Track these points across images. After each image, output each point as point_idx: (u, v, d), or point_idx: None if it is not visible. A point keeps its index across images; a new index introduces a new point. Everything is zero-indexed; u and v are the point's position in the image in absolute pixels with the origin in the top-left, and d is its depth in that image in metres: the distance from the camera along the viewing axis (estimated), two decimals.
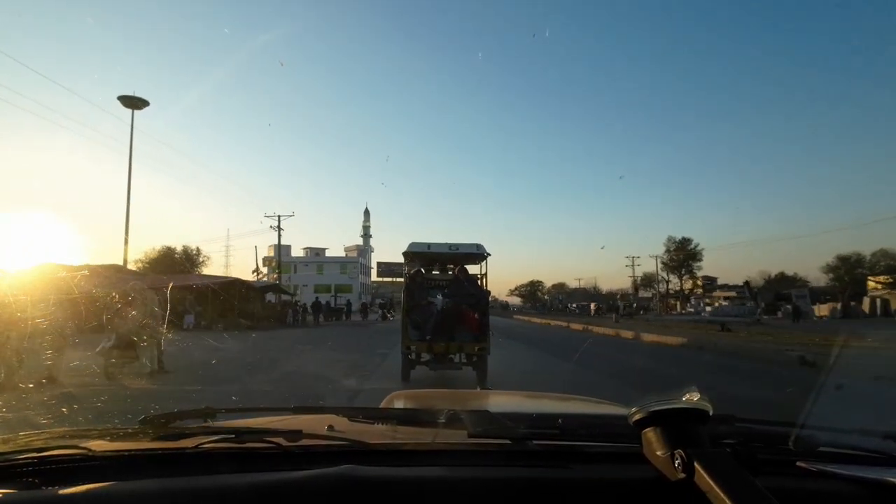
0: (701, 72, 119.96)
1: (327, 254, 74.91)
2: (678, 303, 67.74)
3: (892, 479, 0.80)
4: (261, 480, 0.77)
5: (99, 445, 0.88)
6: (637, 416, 0.82)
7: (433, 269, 9.25)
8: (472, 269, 8.82)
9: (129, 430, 1.00)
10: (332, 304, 38.08)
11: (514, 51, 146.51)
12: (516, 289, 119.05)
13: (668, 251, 67.93)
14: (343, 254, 76.87)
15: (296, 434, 0.90)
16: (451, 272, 8.78)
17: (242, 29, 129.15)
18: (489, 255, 8.33)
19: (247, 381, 8.04)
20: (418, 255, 8.66)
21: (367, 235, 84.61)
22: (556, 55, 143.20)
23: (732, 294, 60.24)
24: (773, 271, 67.03)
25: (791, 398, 6.24)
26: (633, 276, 65.40)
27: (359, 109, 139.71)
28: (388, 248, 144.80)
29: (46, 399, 6.14)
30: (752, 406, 6.36)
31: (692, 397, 0.80)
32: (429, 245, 8.24)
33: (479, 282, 8.60)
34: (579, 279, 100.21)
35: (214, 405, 1.08)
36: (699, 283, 69.36)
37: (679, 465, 0.73)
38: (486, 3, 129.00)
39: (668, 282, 68.63)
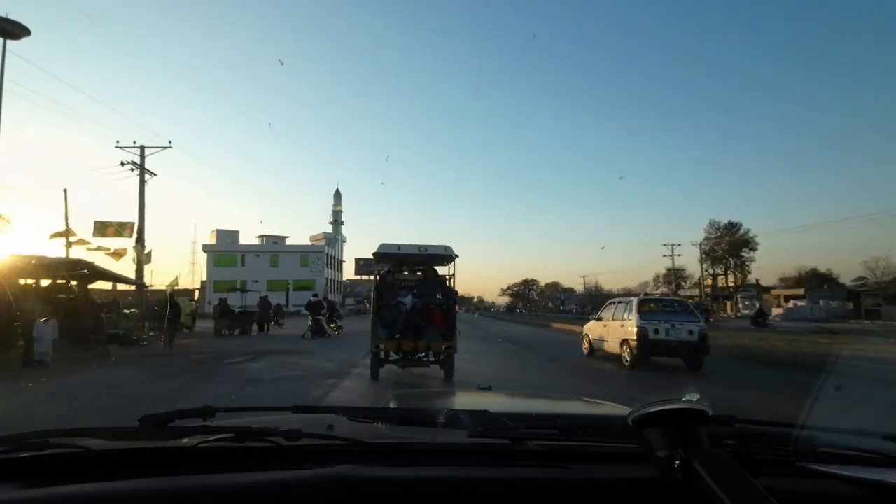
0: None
1: (289, 243, 60.18)
2: (728, 304, 54.91)
3: (891, 480, 0.79)
4: (260, 480, 0.77)
5: (98, 444, 0.88)
6: (637, 417, 0.81)
7: (403, 270, 9.28)
8: (442, 270, 9.00)
9: (129, 429, 0.99)
10: (243, 306, 23.15)
11: (512, 45, 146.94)
12: (508, 288, 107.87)
13: (707, 239, 55.10)
14: (308, 243, 62.17)
15: (295, 433, 0.89)
16: (420, 273, 9.01)
17: None
18: (457, 256, 8.42)
19: None
20: (388, 257, 8.77)
21: (337, 222, 69.62)
22: (562, 46, 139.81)
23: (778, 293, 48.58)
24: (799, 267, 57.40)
25: None
26: (672, 268, 52.53)
27: (334, 79, 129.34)
28: (367, 242, 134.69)
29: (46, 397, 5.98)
30: None
31: (692, 398, 0.80)
32: (398, 246, 8.34)
33: (447, 282, 8.72)
34: (584, 276, 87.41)
35: (213, 405, 1.08)
36: (739, 278, 55.31)
37: (679, 465, 0.73)
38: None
39: (713, 276, 55.56)
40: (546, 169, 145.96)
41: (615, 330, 10.87)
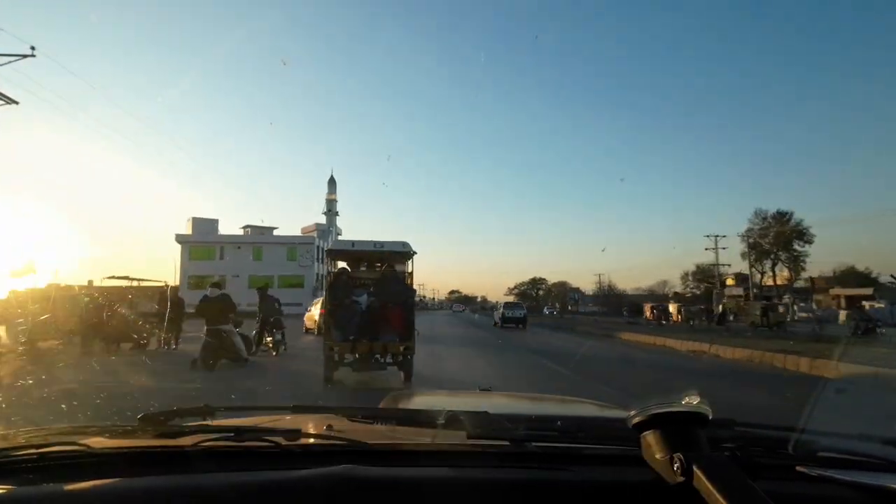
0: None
1: (278, 234, 53.58)
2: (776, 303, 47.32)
3: (891, 485, 0.79)
4: (259, 479, 0.77)
5: (98, 442, 0.88)
6: (636, 419, 0.81)
7: (361, 268, 9.01)
8: (401, 267, 8.71)
9: (128, 428, 0.99)
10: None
11: (523, 41, 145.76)
12: (515, 287, 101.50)
13: (750, 231, 48.26)
14: (299, 235, 55.53)
15: (294, 433, 0.90)
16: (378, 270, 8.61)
17: None
18: (415, 252, 8.17)
19: None
20: (343, 253, 8.63)
21: (332, 212, 63.06)
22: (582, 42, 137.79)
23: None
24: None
25: None
26: (717, 263, 45.43)
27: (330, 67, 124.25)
28: (365, 237, 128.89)
29: (45, 395, 6.02)
30: None
31: (692, 401, 0.80)
32: (353, 243, 8.18)
33: (405, 280, 8.36)
34: (599, 274, 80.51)
35: (213, 404, 1.07)
36: (792, 275, 48.62)
37: (678, 468, 0.73)
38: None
39: (762, 273, 48.73)
40: (553, 165, 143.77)
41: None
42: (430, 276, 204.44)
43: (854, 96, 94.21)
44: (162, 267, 48.62)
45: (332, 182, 63.65)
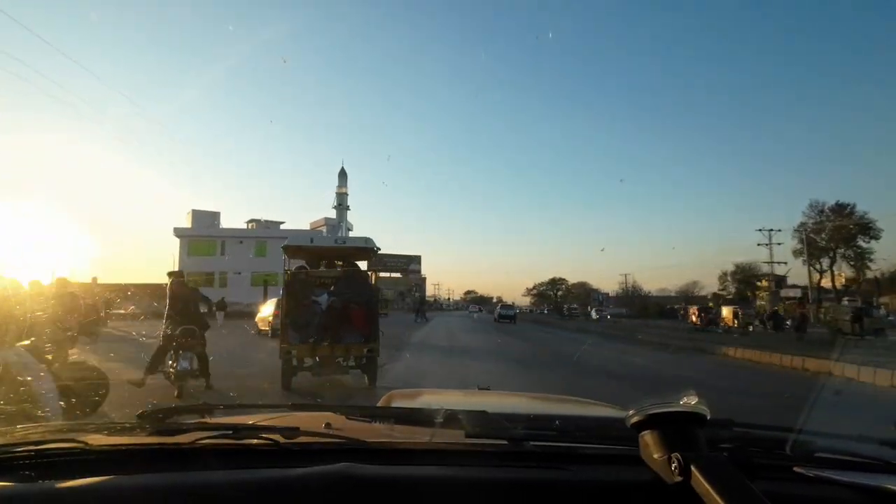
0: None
1: (284, 229, 50.10)
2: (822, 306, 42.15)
3: (888, 486, 0.79)
4: (258, 477, 0.77)
5: (96, 439, 0.88)
6: (635, 419, 0.81)
7: (321, 266, 8.31)
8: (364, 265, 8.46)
9: (127, 425, 0.99)
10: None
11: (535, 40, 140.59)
12: (534, 287, 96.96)
13: (804, 224, 42.53)
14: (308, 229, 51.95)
15: (293, 431, 0.90)
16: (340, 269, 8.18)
17: None
18: (379, 249, 7.78)
19: None
20: (301, 250, 8.15)
21: (342, 206, 59.60)
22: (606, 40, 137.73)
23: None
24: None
25: None
26: (771, 262, 40.47)
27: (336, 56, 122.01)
28: (377, 235, 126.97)
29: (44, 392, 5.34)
30: None
31: (690, 401, 0.80)
32: (311, 238, 8.39)
33: (369, 278, 7.89)
34: (626, 274, 75.84)
35: (211, 402, 1.04)
36: (858, 274, 42.73)
37: (676, 468, 0.73)
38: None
39: (821, 273, 43.42)
40: (572, 165, 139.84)
41: None
42: (445, 276, 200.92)
43: None
44: (165, 265, 45.89)
45: (342, 175, 60.11)
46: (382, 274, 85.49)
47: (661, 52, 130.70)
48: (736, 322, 29.10)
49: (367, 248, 7.71)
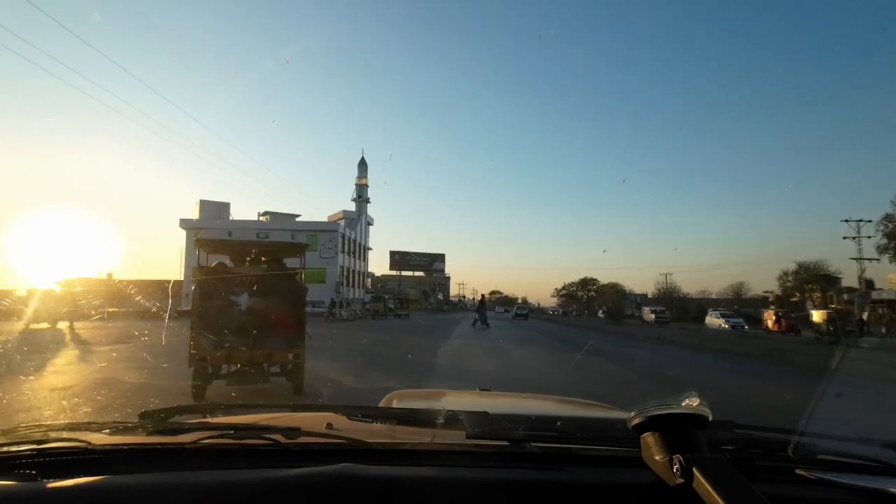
0: None
1: (300, 221, 46.42)
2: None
3: (891, 489, 0.79)
4: (259, 477, 0.77)
5: (98, 439, 0.88)
6: (636, 421, 0.81)
7: (244, 263, 7.74)
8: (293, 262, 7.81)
9: (129, 424, 1.00)
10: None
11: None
12: (563, 288, 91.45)
13: (890, 216, 37.24)
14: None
15: (294, 431, 0.90)
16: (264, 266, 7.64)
17: None
18: (307, 245, 7.52)
19: None
20: (217, 245, 7.60)
21: (362, 198, 55.76)
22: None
23: None
24: None
25: None
26: (860, 258, 34.98)
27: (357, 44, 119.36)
28: (400, 232, 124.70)
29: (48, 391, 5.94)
30: None
31: (692, 402, 0.80)
32: (230, 232, 7.08)
33: (296, 277, 7.33)
34: (667, 273, 70.05)
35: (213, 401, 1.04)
36: None
37: (677, 470, 0.73)
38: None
39: None
40: (604, 163, 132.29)
41: None
42: (470, 275, 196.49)
43: None
44: (176, 262, 43.02)
45: (362, 165, 56.17)
46: (405, 273, 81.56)
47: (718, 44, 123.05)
48: (831, 328, 23.83)
49: (293, 245, 7.32)
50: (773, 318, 29.65)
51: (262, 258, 7.40)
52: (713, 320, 37.27)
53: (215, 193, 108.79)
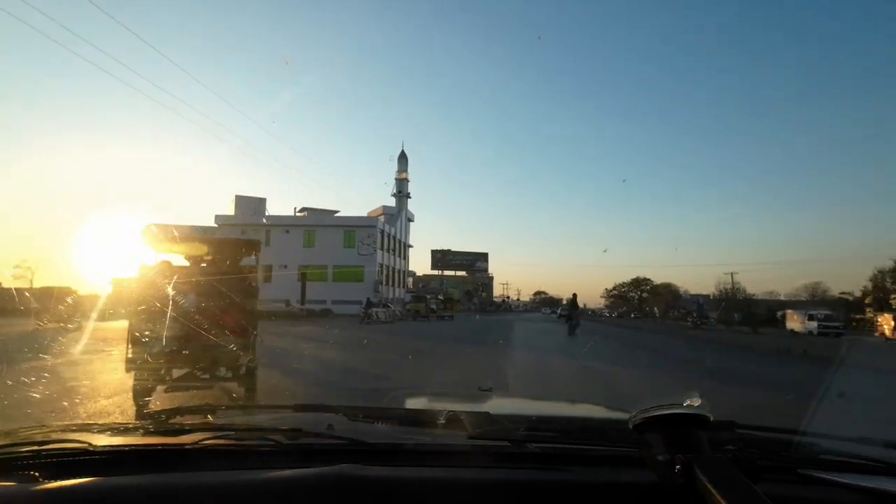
0: None
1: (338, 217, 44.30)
2: None
3: (893, 489, 0.79)
4: (260, 478, 0.77)
5: (99, 440, 0.88)
6: (637, 421, 0.81)
7: (190, 261, 7.22)
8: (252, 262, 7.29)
9: (130, 426, 1.01)
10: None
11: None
12: (614, 288, 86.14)
13: None
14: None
15: (295, 432, 0.90)
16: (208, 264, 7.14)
17: None
18: (258, 241, 6.97)
19: None
20: (166, 241, 6.76)
21: (402, 193, 53.20)
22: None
23: None
24: None
25: None
26: None
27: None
28: (441, 230, 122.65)
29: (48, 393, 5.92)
30: None
31: (693, 403, 0.80)
32: (174, 228, 6.72)
33: (247, 276, 6.67)
34: (733, 273, 63.94)
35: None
36: None
37: (679, 470, 0.73)
38: None
39: None
40: (650, 158, 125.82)
41: None
42: (513, 274, 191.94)
43: None
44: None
45: (402, 158, 53.58)
46: (447, 272, 78.72)
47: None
48: None
49: (243, 242, 6.65)
50: (890, 322, 24.77)
51: (212, 256, 6.94)
52: (796, 324, 32.12)
53: (252, 189, 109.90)
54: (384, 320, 29.93)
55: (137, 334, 5.51)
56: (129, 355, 5.42)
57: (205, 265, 6.84)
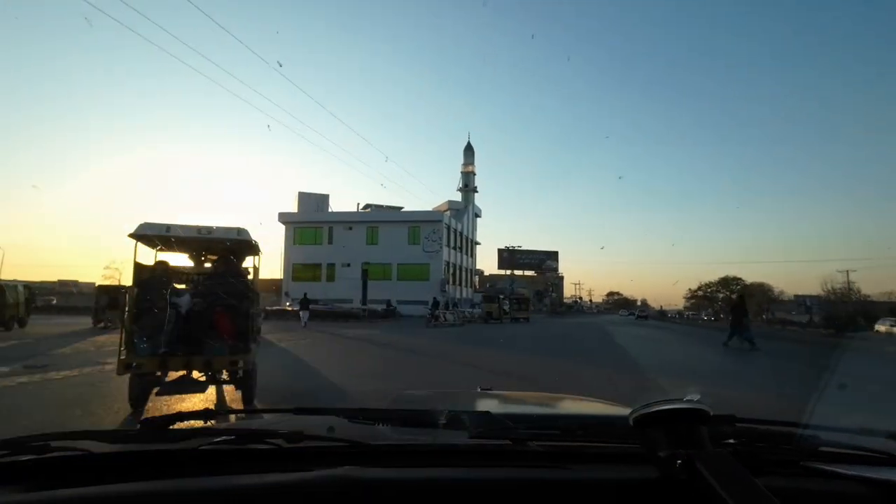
0: None
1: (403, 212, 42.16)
2: None
3: (894, 479, 0.79)
4: (261, 482, 0.77)
5: (99, 446, 0.88)
6: (638, 417, 0.82)
7: (188, 261, 6.92)
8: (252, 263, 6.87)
9: (130, 432, 1.01)
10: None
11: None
12: (699, 288, 78.23)
13: None
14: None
15: (296, 435, 0.90)
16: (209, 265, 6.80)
17: None
18: (256, 242, 6.27)
19: None
20: (156, 241, 6.21)
21: (468, 187, 50.34)
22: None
23: None
24: None
25: None
26: None
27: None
28: (511, 226, 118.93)
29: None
30: None
31: (693, 398, 0.81)
32: (168, 227, 5.81)
33: (246, 276, 6.39)
34: (847, 270, 55.90)
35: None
36: None
37: (680, 465, 0.73)
38: None
39: None
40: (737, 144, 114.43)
41: None
42: (585, 274, 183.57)
43: None
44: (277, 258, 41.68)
45: (468, 151, 50.99)
46: (516, 272, 74.86)
47: None
48: None
49: (241, 241, 6.02)
50: None
51: (211, 256, 6.70)
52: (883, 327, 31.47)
53: (317, 185, 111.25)
54: (452, 322, 27.30)
55: (131, 334, 5.36)
56: (122, 357, 5.23)
57: (205, 265, 6.61)
